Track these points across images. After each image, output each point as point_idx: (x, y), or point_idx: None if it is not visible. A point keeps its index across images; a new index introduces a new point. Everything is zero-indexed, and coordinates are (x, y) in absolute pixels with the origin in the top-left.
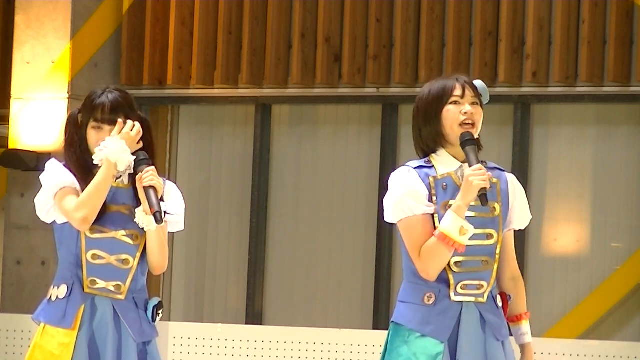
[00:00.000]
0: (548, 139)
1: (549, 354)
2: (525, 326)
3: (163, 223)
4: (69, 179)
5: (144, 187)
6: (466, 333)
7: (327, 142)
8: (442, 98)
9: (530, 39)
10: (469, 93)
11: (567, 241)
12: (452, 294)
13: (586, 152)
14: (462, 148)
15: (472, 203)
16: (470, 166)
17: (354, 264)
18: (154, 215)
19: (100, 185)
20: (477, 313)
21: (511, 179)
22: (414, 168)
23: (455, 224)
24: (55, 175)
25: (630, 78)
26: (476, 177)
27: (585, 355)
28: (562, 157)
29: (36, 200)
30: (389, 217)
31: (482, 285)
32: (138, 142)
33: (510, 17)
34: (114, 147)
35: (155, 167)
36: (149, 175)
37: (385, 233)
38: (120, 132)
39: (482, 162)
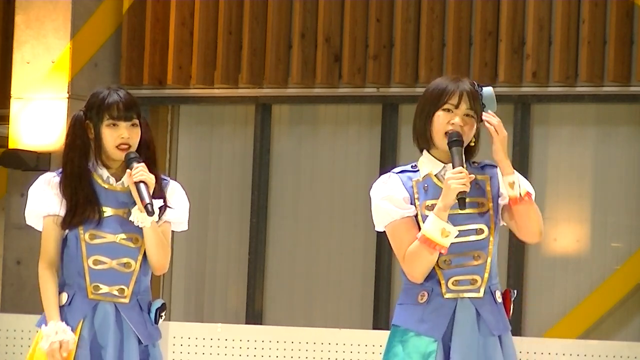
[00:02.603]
0: (548, 139)
1: (549, 354)
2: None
3: (154, 215)
4: (51, 208)
5: (135, 183)
6: (460, 330)
7: (327, 142)
8: (437, 101)
9: (530, 39)
10: (464, 104)
11: (567, 241)
12: (444, 291)
13: (586, 152)
14: (449, 148)
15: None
16: (453, 167)
17: (354, 263)
18: (145, 207)
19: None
20: (473, 309)
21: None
22: (396, 173)
23: (437, 226)
24: (38, 203)
25: (630, 78)
26: (455, 180)
27: (585, 355)
28: (562, 157)
29: (27, 220)
30: (376, 226)
31: (476, 280)
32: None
33: (510, 17)
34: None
35: (153, 165)
36: (138, 171)
37: (385, 233)
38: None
39: (473, 162)
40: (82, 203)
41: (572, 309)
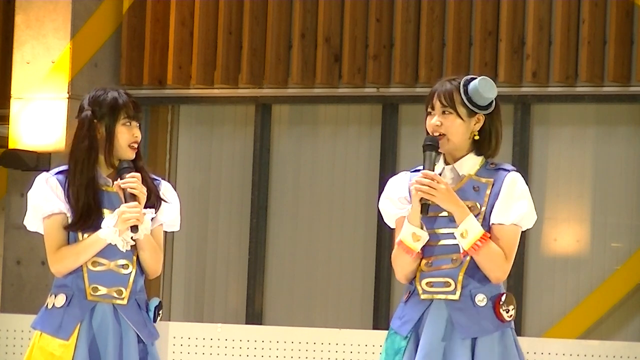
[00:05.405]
0: (548, 139)
1: (549, 354)
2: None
3: (138, 232)
4: (54, 205)
5: (124, 196)
6: (428, 330)
7: (327, 142)
8: (425, 108)
9: (530, 39)
10: (437, 103)
11: (567, 241)
12: (420, 292)
13: (586, 152)
14: (423, 151)
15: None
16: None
17: (354, 264)
18: (130, 228)
19: (85, 253)
20: (445, 311)
21: (507, 178)
22: (411, 172)
23: (408, 231)
24: (41, 202)
25: (630, 78)
26: (417, 185)
27: (585, 355)
28: (562, 157)
29: (25, 223)
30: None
31: (450, 283)
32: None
33: (510, 17)
34: (107, 232)
35: (145, 170)
36: (134, 181)
37: (385, 233)
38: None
39: (490, 163)
40: (87, 209)
41: (572, 309)
